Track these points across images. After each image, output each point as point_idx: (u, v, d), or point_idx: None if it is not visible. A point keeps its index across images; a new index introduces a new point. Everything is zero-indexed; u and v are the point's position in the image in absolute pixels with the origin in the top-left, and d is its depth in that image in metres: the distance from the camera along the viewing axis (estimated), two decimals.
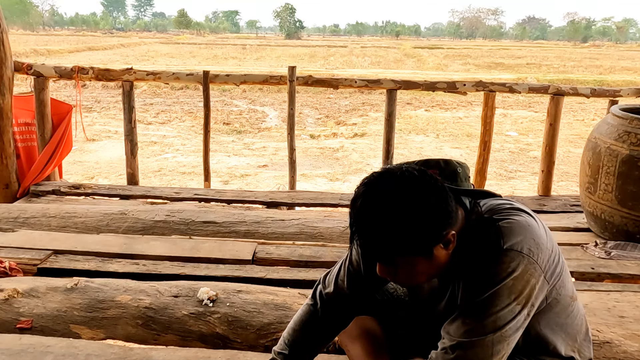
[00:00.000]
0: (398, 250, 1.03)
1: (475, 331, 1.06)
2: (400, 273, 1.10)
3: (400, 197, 1.00)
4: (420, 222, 1.01)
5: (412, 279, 1.12)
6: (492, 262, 1.06)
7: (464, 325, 1.08)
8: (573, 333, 1.24)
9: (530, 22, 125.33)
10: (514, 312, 1.05)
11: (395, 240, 1.01)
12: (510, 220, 1.10)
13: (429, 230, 1.02)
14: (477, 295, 1.07)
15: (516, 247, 1.06)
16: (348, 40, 72.67)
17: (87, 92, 14.30)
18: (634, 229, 3.03)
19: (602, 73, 22.78)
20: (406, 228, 1.00)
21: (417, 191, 1.01)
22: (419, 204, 1.00)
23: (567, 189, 6.40)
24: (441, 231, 1.05)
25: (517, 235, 1.07)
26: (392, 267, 1.09)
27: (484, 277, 1.07)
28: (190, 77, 4.51)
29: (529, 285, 1.06)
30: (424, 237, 1.03)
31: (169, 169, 7.25)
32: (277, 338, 1.89)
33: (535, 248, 1.08)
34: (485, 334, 1.05)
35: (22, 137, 4.18)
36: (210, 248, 2.67)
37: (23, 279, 2.22)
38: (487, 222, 1.12)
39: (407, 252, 1.04)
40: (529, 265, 1.06)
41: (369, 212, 1.01)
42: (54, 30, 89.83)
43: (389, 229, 1.00)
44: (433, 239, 1.04)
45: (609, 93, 4.54)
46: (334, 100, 14.51)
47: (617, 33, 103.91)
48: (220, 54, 32.08)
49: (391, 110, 4.39)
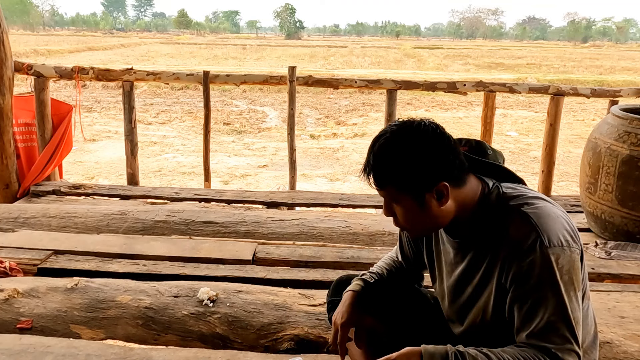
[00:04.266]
0: (392, 180, 1.15)
1: (549, 324, 1.09)
2: (397, 211, 1.20)
3: (407, 138, 1.15)
4: (417, 162, 1.13)
5: (407, 221, 1.20)
6: (541, 264, 1.10)
7: (543, 328, 1.10)
8: (583, 333, 1.25)
9: (530, 22, 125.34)
10: (572, 296, 1.11)
11: (392, 169, 1.14)
12: (540, 213, 1.14)
13: (423, 172, 1.14)
14: (535, 295, 1.11)
15: (556, 242, 1.11)
16: (348, 41, 72.67)
17: (87, 92, 14.31)
18: (634, 229, 3.03)
19: (603, 73, 22.78)
20: (403, 162, 1.13)
21: (423, 137, 1.14)
22: (421, 147, 1.14)
23: (567, 189, 6.40)
24: (434, 179, 1.14)
25: (551, 227, 1.12)
26: (388, 197, 1.19)
27: (538, 279, 1.10)
28: (190, 77, 4.51)
29: (574, 271, 1.12)
30: (416, 176, 1.14)
31: (169, 169, 7.25)
32: (277, 338, 1.89)
33: (568, 236, 1.13)
34: (558, 319, 1.09)
35: (22, 137, 4.18)
36: (211, 248, 2.66)
37: (23, 279, 2.22)
38: (514, 211, 1.16)
39: (399, 186, 1.15)
40: (573, 254, 1.12)
41: (381, 145, 1.16)
42: (54, 30, 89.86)
43: (388, 159, 1.15)
44: (424, 182, 1.14)
45: (609, 93, 4.54)
46: (334, 101, 14.52)
47: (617, 33, 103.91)
48: (221, 54, 32.09)
49: (391, 111, 4.39)
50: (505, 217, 1.16)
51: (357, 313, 1.36)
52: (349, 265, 2.55)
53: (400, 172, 1.14)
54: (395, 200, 1.19)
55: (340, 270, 2.41)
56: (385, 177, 1.16)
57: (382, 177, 1.16)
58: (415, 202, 1.16)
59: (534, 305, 1.11)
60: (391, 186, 1.16)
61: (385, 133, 1.18)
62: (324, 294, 1.76)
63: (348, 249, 2.74)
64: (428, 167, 1.14)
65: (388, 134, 1.17)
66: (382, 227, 3.10)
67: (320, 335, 1.87)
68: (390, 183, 1.16)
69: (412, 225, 1.22)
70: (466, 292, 1.27)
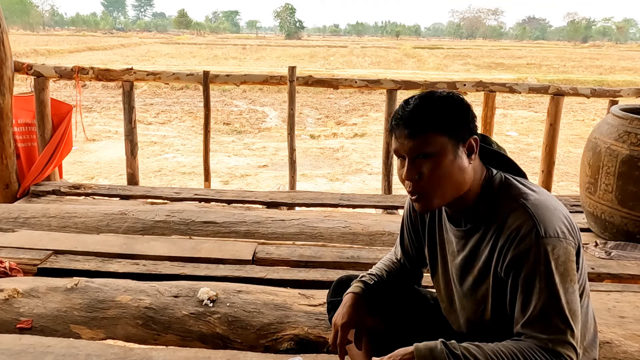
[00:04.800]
0: (434, 123, 1.16)
1: (544, 314, 1.10)
2: (425, 166, 1.17)
3: (439, 95, 1.21)
4: (455, 110, 1.18)
5: (435, 177, 1.17)
6: (536, 254, 1.11)
7: (538, 317, 1.11)
8: (582, 330, 1.25)
9: (530, 22, 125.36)
10: (570, 287, 1.12)
11: (435, 113, 1.17)
12: (539, 202, 1.15)
13: (460, 120, 1.18)
14: (530, 285, 1.12)
15: (553, 233, 1.11)
16: (348, 41, 72.70)
17: (87, 92, 14.31)
18: (634, 229, 3.03)
19: (602, 73, 22.79)
20: (444, 108, 1.18)
21: (452, 96, 1.21)
22: (454, 101, 1.20)
23: (567, 189, 6.41)
24: (468, 130, 1.19)
25: (548, 218, 1.13)
26: (421, 148, 1.16)
27: (532, 268, 1.11)
28: (190, 77, 4.51)
29: (570, 263, 1.13)
30: (456, 122, 1.18)
31: (169, 169, 7.25)
32: (277, 338, 1.89)
33: (564, 229, 1.14)
34: (553, 311, 1.10)
35: (22, 137, 4.18)
36: (211, 248, 2.66)
37: (23, 279, 2.21)
38: (513, 201, 1.17)
39: (441, 129, 1.16)
40: (568, 246, 1.13)
41: (417, 99, 1.20)
42: (54, 30, 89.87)
43: (429, 105, 1.18)
44: (461, 131, 1.18)
45: (609, 93, 4.54)
46: (334, 101, 14.52)
47: (617, 33, 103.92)
48: (221, 54, 32.09)
49: (391, 111, 4.39)
50: (505, 206, 1.18)
51: (357, 314, 1.36)
52: (349, 265, 2.55)
53: (443, 116, 1.16)
54: (430, 150, 1.16)
55: (340, 270, 2.41)
56: (427, 121, 1.16)
57: (423, 120, 1.16)
58: (451, 151, 1.16)
59: (528, 294, 1.11)
60: (432, 131, 1.15)
61: (413, 96, 1.21)
62: (324, 294, 1.77)
63: (348, 249, 2.74)
64: (464, 117, 1.18)
65: (417, 97, 1.21)
66: (382, 227, 3.10)
67: (320, 335, 1.87)
68: (431, 127, 1.15)
69: (437, 182, 1.18)
70: (467, 282, 1.27)
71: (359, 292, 1.41)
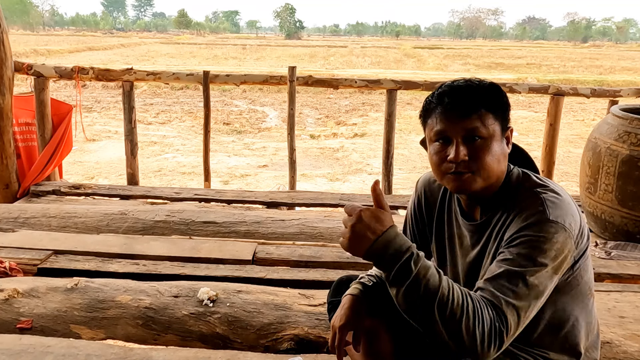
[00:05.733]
0: (489, 101, 1.17)
1: (513, 276, 1.08)
2: (475, 146, 1.16)
3: (479, 81, 1.22)
4: (502, 95, 1.21)
5: (484, 156, 1.16)
6: (539, 230, 1.10)
7: (503, 276, 1.09)
8: (586, 331, 1.25)
9: (530, 22, 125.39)
10: (548, 275, 1.10)
11: (488, 92, 1.19)
12: (554, 195, 1.16)
13: (507, 104, 1.21)
14: (519, 251, 1.10)
15: (560, 220, 1.11)
16: (348, 41, 72.70)
17: (87, 92, 14.31)
18: (634, 229, 3.03)
19: (602, 73, 22.79)
20: (494, 89, 1.20)
21: (493, 83, 1.23)
22: (500, 87, 1.22)
23: (567, 189, 6.33)
24: (508, 115, 1.22)
25: (561, 209, 1.13)
26: (476, 121, 1.16)
27: (528, 240, 1.10)
28: (190, 77, 4.51)
29: (562, 255, 1.12)
30: (504, 105, 1.20)
31: (169, 169, 7.25)
32: (277, 338, 1.89)
33: (573, 223, 1.13)
34: (521, 277, 1.08)
35: (22, 137, 4.18)
36: (210, 248, 2.66)
37: (23, 279, 2.21)
38: (530, 191, 1.17)
39: (495, 108, 1.18)
40: (569, 239, 1.12)
41: (458, 82, 1.21)
42: (54, 30, 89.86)
43: (478, 87, 1.19)
44: (507, 115, 1.21)
45: (609, 93, 4.54)
46: (334, 101, 14.52)
47: (617, 33, 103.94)
48: (221, 54, 32.09)
49: (391, 111, 4.39)
50: (522, 198, 1.17)
51: (355, 316, 1.36)
52: (349, 265, 2.55)
53: (493, 98, 1.18)
54: (482, 131, 1.16)
55: (340, 270, 2.41)
56: (480, 100, 1.16)
57: (476, 99, 1.16)
58: (499, 136, 1.18)
59: (508, 257, 1.10)
60: (486, 109, 1.16)
61: (454, 81, 1.23)
62: (324, 294, 1.77)
63: None
64: (507, 104, 1.21)
65: (459, 80, 1.22)
66: None
67: (320, 335, 1.87)
68: (484, 106, 1.16)
69: (487, 164, 1.17)
70: (479, 275, 1.25)
71: (356, 294, 1.41)
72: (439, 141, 1.20)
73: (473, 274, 1.28)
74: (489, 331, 1.01)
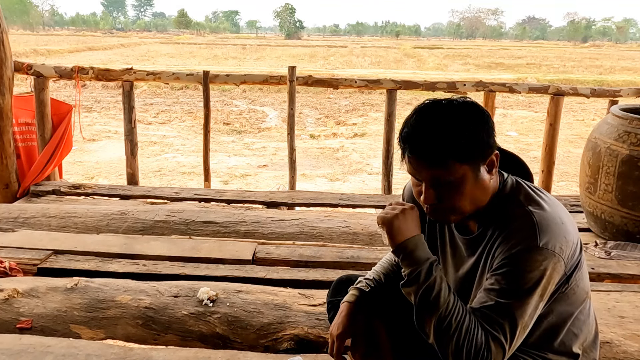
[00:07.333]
0: (454, 152, 1.10)
1: (501, 311, 1.11)
2: (445, 190, 1.15)
3: (455, 109, 1.13)
4: (474, 129, 1.12)
5: (456, 199, 1.15)
6: (528, 258, 1.11)
7: (492, 309, 1.12)
8: (584, 332, 1.26)
9: (530, 22, 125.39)
10: (535, 302, 1.12)
11: (453, 141, 1.10)
12: (547, 215, 1.14)
13: (483, 138, 1.13)
14: (507, 281, 1.12)
15: (550, 246, 1.11)
16: (348, 40, 72.70)
17: (87, 92, 14.31)
18: (634, 229, 3.03)
19: (602, 73, 22.78)
20: (461, 133, 1.11)
21: (470, 107, 1.14)
22: (472, 115, 1.13)
23: (567, 189, 6.40)
24: (488, 148, 1.14)
25: (551, 232, 1.12)
26: (439, 175, 1.13)
27: (516, 270, 1.11)
28: (190, 77, 4.50)
29: (552, 281, 1.13)
30: (475, 146, 1.12)
31: (169, 169, 7.25)
32: (277, 338, 1.89)
33: (564, 246, 1.13)
34: (509, 313, 1.11)
35: (22, 137, 4.18)
36: (210, 248, 2.66)
37: (23, 279, 2.21)
38: (522, 210, 1.16)
39: (462, 157, 1.11)
40: (558, 264, 1.12)
41: (427, 120, 1.13)
42: (54, 30, 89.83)
43: (446, 132, 1.11)
44: (481, 152, 1.13)
45: (609, 93, 4.54)
46: (334, 100, 14.52)
47: (617, 33, 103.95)
48: (220, 54, 32.08)
49: (391, 111, 4.39)
50: (513, 212, 1.17)
51: (352, 324, 1.37)
52: (348, 265, 2.55)
53: (462, 142, 1.10)
54: (449, 177, 1.13)
55: (340, 270, 2.41)
56: (445, 151, 1.10)
57: (442, 151, 1.10)
58: (472, 174, 1.13)
59: (498, 285, 1.12)
60: (453, 159, 1.10)
61: (424, 111, 1.15)
62: (323, 294, 1.77)
63: (348, 249, 2.74)
64: (483, 136, 1.13)
65: (429, 111, 1.14)
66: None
67: (320, 335, 1.87)
68: (451, 156, 1.10)
69: (458, 203, 1.16)
70: (471, 290, 1.27)
71: (353, 300, 1.41)
72: (414, 176, 1.20)
73: (465, 285, 1.28)
74: (474, 355, 1.07)
